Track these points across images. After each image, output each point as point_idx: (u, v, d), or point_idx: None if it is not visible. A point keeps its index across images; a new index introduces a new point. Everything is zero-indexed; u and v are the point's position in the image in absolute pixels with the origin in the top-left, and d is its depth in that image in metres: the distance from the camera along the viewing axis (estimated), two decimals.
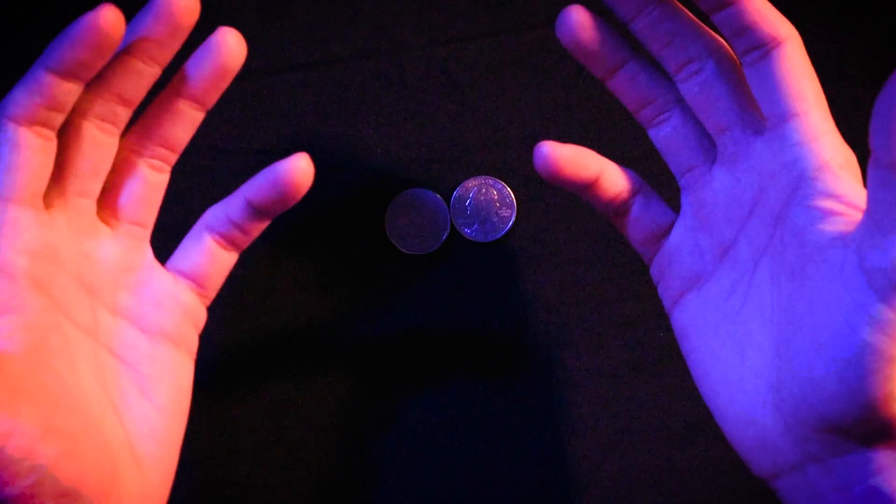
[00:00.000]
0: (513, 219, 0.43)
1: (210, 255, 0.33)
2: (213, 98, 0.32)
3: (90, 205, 0.31)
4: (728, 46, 0.32)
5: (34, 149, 0.29)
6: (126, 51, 0.30)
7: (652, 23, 0.31)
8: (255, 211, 0.32)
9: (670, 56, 0.32)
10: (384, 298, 0.43)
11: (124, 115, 0.31)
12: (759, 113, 0.32)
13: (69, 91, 0.29)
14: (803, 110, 0.30)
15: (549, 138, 0.44)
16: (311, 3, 0.44)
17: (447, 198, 0.44)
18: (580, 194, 0.34)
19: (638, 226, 0.34)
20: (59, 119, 0.29)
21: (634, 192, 0.34)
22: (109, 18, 0.27)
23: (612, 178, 0.33)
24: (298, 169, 0.31)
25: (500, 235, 0.43)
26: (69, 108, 0.29)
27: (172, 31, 0.29)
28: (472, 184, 0.44)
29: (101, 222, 0.32)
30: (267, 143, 0.44)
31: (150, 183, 0.32)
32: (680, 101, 0.33)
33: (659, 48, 0.32)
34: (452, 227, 0.43)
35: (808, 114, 0.30)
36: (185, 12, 0.29)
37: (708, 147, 0.33)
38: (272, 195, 0.32)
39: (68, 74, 0.28)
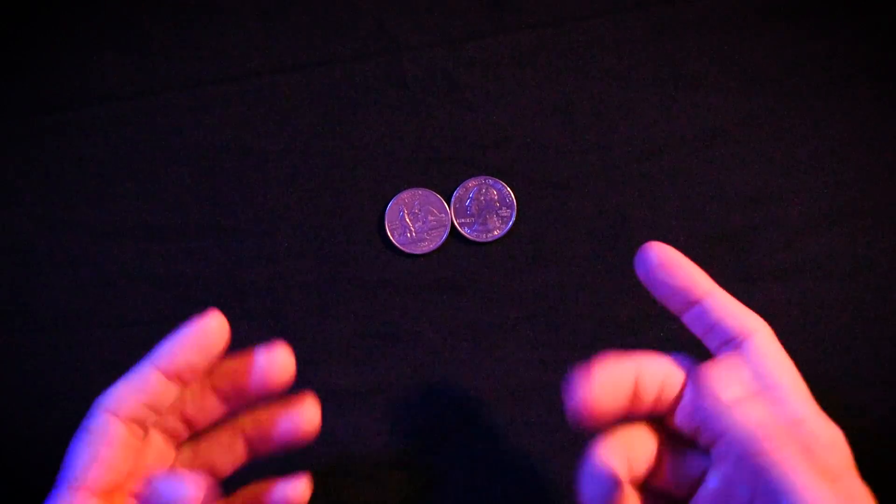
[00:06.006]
0: (513, 219, 0.43)
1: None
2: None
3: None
4: (766, 324, 0.32)
5: (124, 446, 0.30)
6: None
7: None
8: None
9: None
10: (384, 298, 0.43)
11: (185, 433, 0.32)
12: None
13: (171, 393, 0.30)
14: (780, 397, 0.30)
15: (549, 138, 0.44)
16: (311, 3, 0.44)
17: (447, 198, 0.44)
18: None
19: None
20: (153, 420, 0.30)
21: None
22: (217, 324, 0.30)
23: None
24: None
25: (500, 235, 0.43)
26: (164, 411, 0.30)
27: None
28: (472, 184, 0.44)
29: None
30: (267, 143, 0.44)
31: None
32: None
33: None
34: (452, 227, 0.43)
35: (786, 401, 0.30)
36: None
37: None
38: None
39: (175, 376, 0.30)
